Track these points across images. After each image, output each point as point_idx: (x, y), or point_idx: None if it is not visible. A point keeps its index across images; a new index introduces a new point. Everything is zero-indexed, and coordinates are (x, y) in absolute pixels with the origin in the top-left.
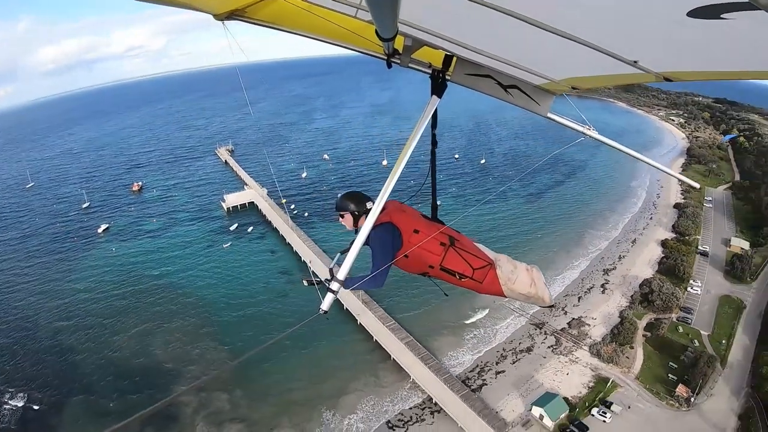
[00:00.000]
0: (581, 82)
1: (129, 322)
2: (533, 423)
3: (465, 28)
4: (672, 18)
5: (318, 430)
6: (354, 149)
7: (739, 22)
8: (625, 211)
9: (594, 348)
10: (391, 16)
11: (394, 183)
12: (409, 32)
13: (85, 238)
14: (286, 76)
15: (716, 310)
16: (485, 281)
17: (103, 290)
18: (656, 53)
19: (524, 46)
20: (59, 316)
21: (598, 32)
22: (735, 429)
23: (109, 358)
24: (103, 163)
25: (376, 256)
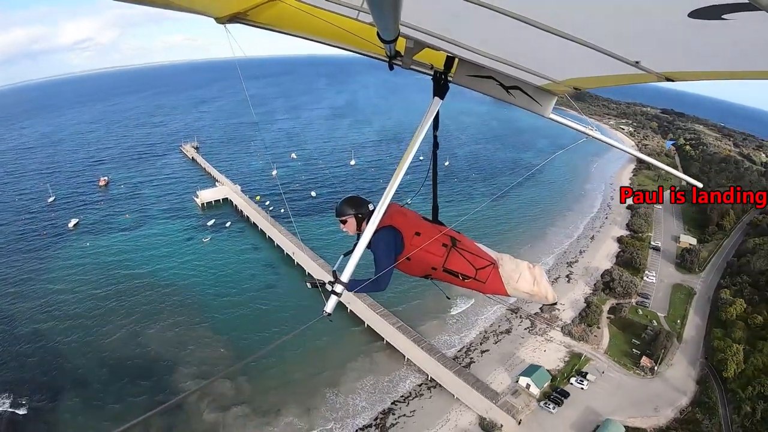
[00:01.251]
0: (583, 83)
1: (116, 320)
2: (521, 392)
3: (467, 29)
4: (673, 19)
5: (323, 408)
6: (320, 150)
7: (739, 22)
8: (582, 212)
9: (566, 329)
10: (392, 18)
11: (396, 185)
12: (411, 34)
13: (55, 234)
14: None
15: (670, 296)
16: (488, 281)
17: (82, 288)
18: (657, 54)
19: (526, 47)
20: (38, 316)
21: (599, 33)
22: (694, 392)
23: (100, 358)
24: (61, 159)
25: (378, 259)
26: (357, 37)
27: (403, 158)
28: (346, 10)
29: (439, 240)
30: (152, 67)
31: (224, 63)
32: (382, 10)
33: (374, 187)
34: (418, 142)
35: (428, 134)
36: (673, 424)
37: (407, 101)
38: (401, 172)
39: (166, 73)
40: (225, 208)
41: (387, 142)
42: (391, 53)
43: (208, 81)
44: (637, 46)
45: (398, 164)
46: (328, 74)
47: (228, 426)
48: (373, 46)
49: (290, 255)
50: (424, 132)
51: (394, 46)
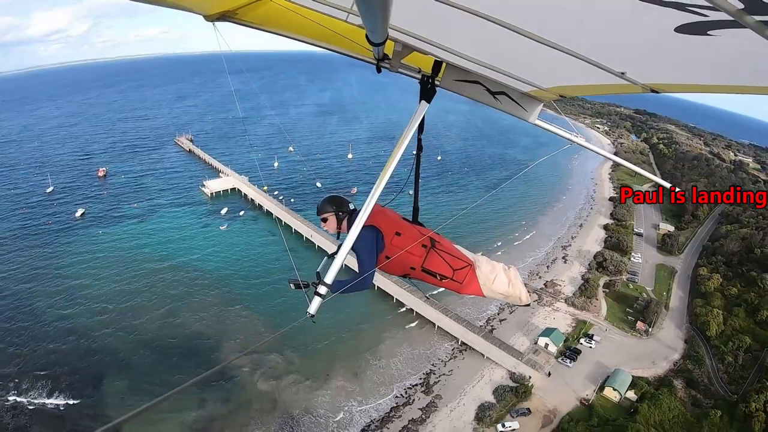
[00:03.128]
0: (568, 91)
1: (148, 306)
2: (540, 351)
3: (455, 35)
4: (660, 33)
5: (369, 372)
6: (316, 144)
7: (725, 39)
8: (569, 203)
9: (569, 300)
10: (381, 21)
11: (382, 186)
12: (399, 37)
13: (62, 224)
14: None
15: (655, 274)
16: (465, 282)
17: (105, 277)
18: (643, 66)
19: (513, 54)
20: (64, 309)
21: (586, 43)
22: (683, 349)
23: (139, 342)
24: (50, 152)
25: (361, 258)
26: (346, 38)
27: (389, 160)
28: (336, 12)
29: (419, 241)
30: (126, 60)
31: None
32: (372, 12)
33: (372, 178)
34: (404, 145)
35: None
36: (669, 373)
37: (392, 100)
38: (387, 173)
39: (141, 66)
40: (234, 197)
41: (379, 139)
42: (379, 56)
43: (186, 75)
44: (624, 58)
45: (384, 166)
46: (308, 71)
47: (282, 391)
48: (362, 48)
49: (309, 238)
50: (410, 134)
51: (382, 48)
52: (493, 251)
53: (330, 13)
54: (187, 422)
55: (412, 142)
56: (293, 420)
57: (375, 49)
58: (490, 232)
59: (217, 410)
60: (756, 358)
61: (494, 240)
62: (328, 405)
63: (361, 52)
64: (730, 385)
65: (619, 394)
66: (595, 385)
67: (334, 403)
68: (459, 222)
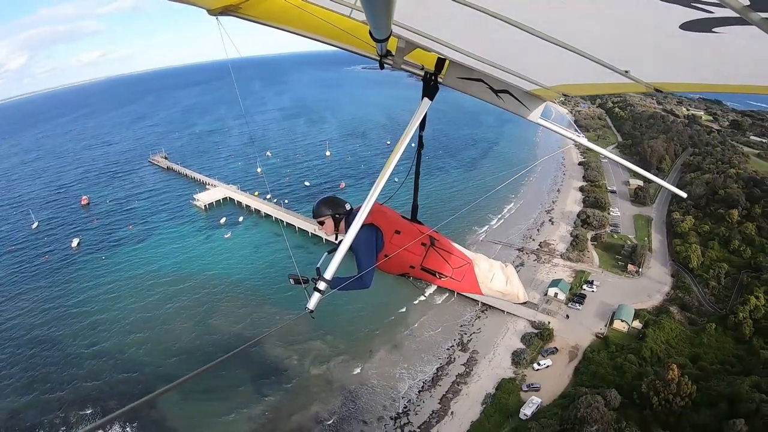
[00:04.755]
0: (572, 90)
1: (176, 320)
2: (551, 300)
3: (459, 32)
4: (664, 30)
5: (407, 343)
6: (292, 147)
7: (730, 36)
8: (543, 172)
9: (564, 255)
10: (385, 18)
11: (382, 185)
12: (403, 34)
13: (61, 257)
14: (167, 86)
15: (634, 224)
16: (464, 280)
17: (121, 301)
18: (647, 64)
19: (517, 52)
20: (88, 338)
21: (591, 42)
22: (671, 282)
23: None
24: (20, 189)
25: (360, 257)
26: (349, 34)
27: (389, 158)
28: (339, 7)
29: (418, 239)
30: (70, 88)
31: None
32: (376, 8)
33: (356, 172)
34: (406, 142)
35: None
36: (664, 303)
37: (352, 96)
38: (387, 171)
39: (87, 92)
40: (228, 206)
41: (351, 136)
42: (382, 52)
43: (136, 95)
44: (627, 56)
45: (384, 164)
46: (260, 76)
47: (333, 372)
48: (365, 44)
49: (315, 233)
50: (412, 132)
51: (385, 45)
52: (492, 227)
53: (334, 9)
54: (255, 415)
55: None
56: (351, 393)
57: (378, 45)
58: (482, 211)
59: (279, 400)
60: (735, 279)
61: (489, 217)
62: (378, 376)
63: (364, 49)
64: (717, 304)
65: (627, 324)
66: (605, 320)
67: (384, 373)
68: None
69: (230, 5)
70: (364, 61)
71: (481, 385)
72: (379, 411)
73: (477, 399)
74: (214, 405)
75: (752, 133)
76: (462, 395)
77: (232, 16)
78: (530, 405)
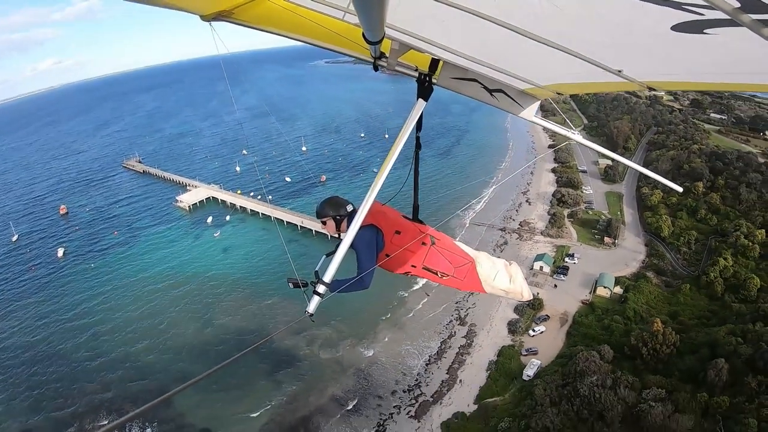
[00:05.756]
0: (565, 88)
1: (178, 321)
2: (537, 273)
3: (452, 33)
4: (656, 31)
5: (408, 326)
6: (267, 145)
7: (721, 37)
8: (516, 156)
9: (544, 233)
10: (378, 20)
11: (380, 185)
12: (396, 36)
13: (48, 267)
14: (125, 91)
15: (606, 200)
16: (466, 279)
17: (118, 307)
18: (640, 64)
19: (511, 52)
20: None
21: (583, 42)
22: (645, 251)
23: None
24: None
25: (360, 258)
26: (342, 37)
27: (386, 159)
28: (332, 11)
29: (418, 239)
30: (25, 98)
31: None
32: (368, 11)
33: (335, 165)
34: (402, 143)
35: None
36: (641, 269)
37: (319, 92)
38: (385, 171)
39: (43, 102)
40: (212, 206)
41: (325, 131)
42: (376, 54)
43: (95, 102)
44: (621, 56)
45: (381, 165)
46: (221, 76)
47: (343, 354)
48: (358, 47)
49: (303, 226)
50: (408, 133)
51: (379, 47)
52: (476, 212)
53: (327, 12)
54: (275, 402)
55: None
56: (363, 373)
57: (372, 47)
58: (466, 198)
59: (295, 386)
60: (704, 245)
61: (471, 202)
62: (387, 355)
63: (358, 51)
64: (689, 267)
65: (609, 290)
66: (588, 288)
67: (391, 351)
68: (439, 198)
69: (223, 10)
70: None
71: (483, 354)
72: (392, 386)
73: (482, 366)
74: (232, 397)
75: (712, 110)
76: (467, 364)
77: (226, 21)
78: (531, 367)
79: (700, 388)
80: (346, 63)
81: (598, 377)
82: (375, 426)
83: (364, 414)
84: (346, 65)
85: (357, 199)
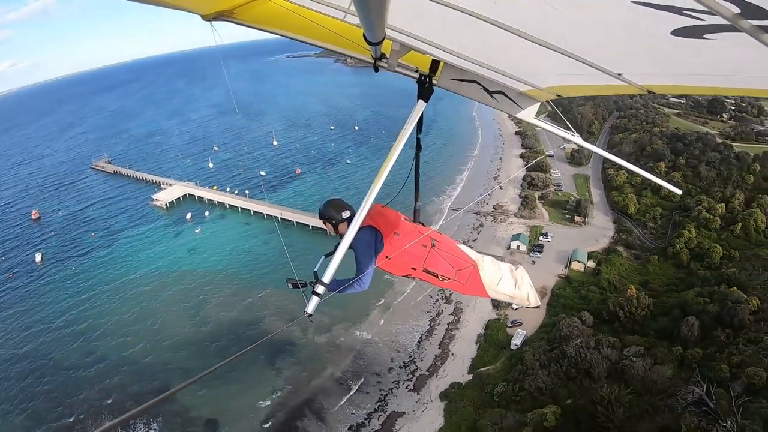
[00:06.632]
0: (565, 91)
1: (170, 320)
2: (515, 252)
3: (453, 35)
4: (657, 35)
5: (396, 304)
6: (237, 141)
7: (721, 42)
8: (485, 144)
9: (518, 214)
10: (378, 21)
11: (379, 186)
12: (397, 37)
13: (26, 274)
14: (84, 92)
15: (574, 182)
16: (468, 283)
17: (106, 311)
18: (640, 67)
19: (511, 55)
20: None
21: (583, 45)
22: (614, 228)
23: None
24: None
25: (359, 259)
26: (343, 38)
27: (386, 160)
28: (333, 11)
29: (418, 241)
30: None
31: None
32: (369, 12)
33: (308, 158)
34: (402, 144)
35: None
36: (611, 244)
37: (284, 86)
38: (384, 173)
39: None
40: (190, 203)
41: (296, 125)
42: (377, 55)
43: (53, 105)
44: (620, 59)
45: (381, 166)
46: (182, 73)
47: (338, 337)
48: (359, 47)
49: (282, 218)
50: (408, 134)
51: (379, 48)
52: (454, 199)
53: (327, 13)
54: (280, 389)
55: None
56: (359, 353)
57: (372, 48)
58: (446, 184)
59: (294, 371)
60: (668, 220)
61: (446, 189)
62: (380, 335)
63: (358, 52)
64: (656, 240)
65: (583, 264)
66: (564, 263)
67: (384, 331)
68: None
69: (224, 10)
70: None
71: (471, 329)
72: (389, 363)
73: (471, 339)
74: (235, 389)
75: (671, 95)
76: (457, 339)
77: (226, 21)
78: (518, 336)
79: (674, 343)
80: (307, 56)
81: (582, 340)
82: (377, 401)
83: (365, 391)
84: (308, 59)
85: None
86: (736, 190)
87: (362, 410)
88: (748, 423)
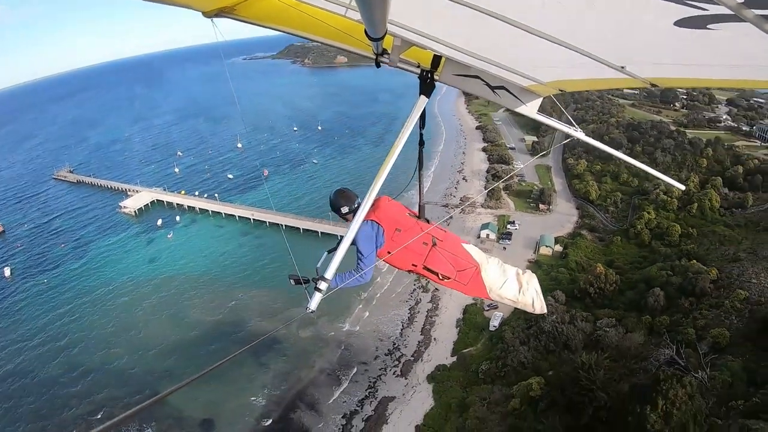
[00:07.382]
0: (568, 85)
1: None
2: (485, 240)
3: (454, 30)
4: (660, 27)
5: (378, 296)
6: (202, 145)
7: (724, 33)
8: (446, 138)
9: (484, 205)
10: (380, 16)
11: (381, 182)
12: (398, 32)
13: None
14: (35, 102)
15: (536, 172)
16: (469, 283)
17: (84, 324)
18: (643, 60)
19: (513, 49)
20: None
21: (587, 38)
22: (577, 213)
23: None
24: None
25: (360, 253)
26: (344, 33)
27: (388, 155)
28: (335, 7)
29: (419, 238)
30: None
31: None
32: (371, 7)
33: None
34: (404, 139)
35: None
36: (575, 229)
37: (244, 89)
38: (386, 168)
39: None
40: (159, 208)
41: (259, 127)
42: (378, 51)
43: (5, 116)
44: (624, 52)
45: (383, 161)
46: (138, 79)
47: (324, 330)
48: (361, 43)
49: (255, 219)
50: (410, 129)
51: (381, 44)
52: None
53: (329, 9)
54: (269, 383)
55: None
56: (344, 344)
57: (374, 44)
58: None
59: (282, 365)
60: (628, 203)
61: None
62: (363, 325)
63: (360, 47)
64: (618, 223)
65: (551, 248)
66: (532, 249)
67: (367, 322)
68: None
69: (225, 7)
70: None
71: (450, 314)
72: (373, 352)
73: (451, 324)
74: (226, 389)
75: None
76: (438, 324)
77: (228, 17)
78: (495, 318)
79: (643, 313)
80: (264, 59)
81: (557, 316)
82: (367, 388)
83: (354, 379)
84: (265, 60)
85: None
86: (690, 173)
87: (354, 398)
88: (717, 374)
